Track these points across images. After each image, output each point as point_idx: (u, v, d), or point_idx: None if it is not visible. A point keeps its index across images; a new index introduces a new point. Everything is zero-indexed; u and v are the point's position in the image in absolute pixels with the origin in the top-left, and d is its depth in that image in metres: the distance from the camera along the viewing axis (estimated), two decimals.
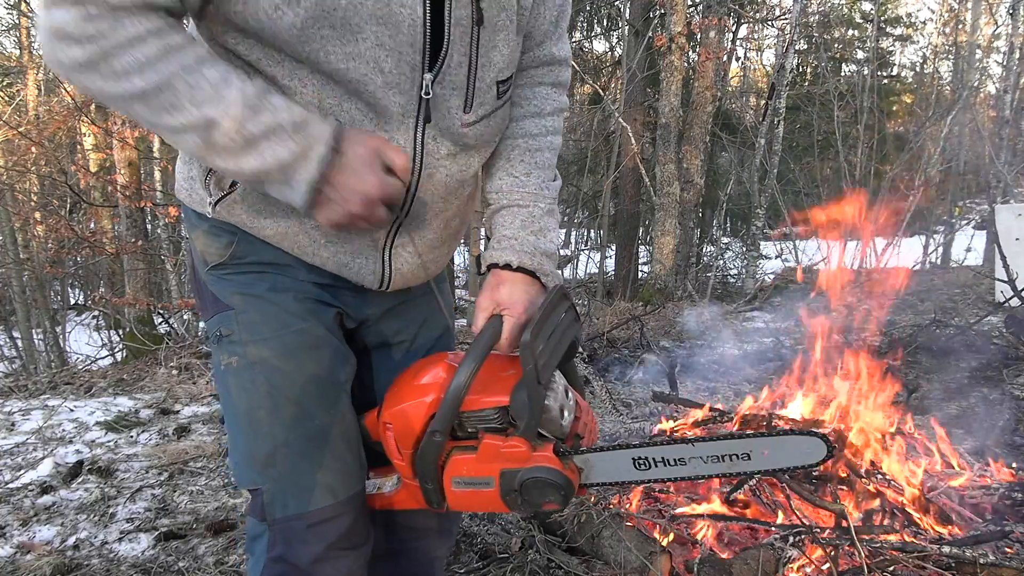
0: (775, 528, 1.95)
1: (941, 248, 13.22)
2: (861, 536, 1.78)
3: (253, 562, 1.19)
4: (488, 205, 1.26)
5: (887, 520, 1.99)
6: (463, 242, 12.33)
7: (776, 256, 14.50)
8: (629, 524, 2.01)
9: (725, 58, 12.75)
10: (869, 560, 1.72)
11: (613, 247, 11.89)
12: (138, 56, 0.89)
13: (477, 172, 1.23)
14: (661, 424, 2.82)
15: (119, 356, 8.40)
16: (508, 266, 1.18)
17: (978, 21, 14.90)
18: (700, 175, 9.54)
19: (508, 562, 2.08)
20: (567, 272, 12.74)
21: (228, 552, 2.31)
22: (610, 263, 12.01)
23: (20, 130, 10.47)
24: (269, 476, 1.13)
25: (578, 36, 12.42)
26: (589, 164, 12.63)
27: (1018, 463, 2.44)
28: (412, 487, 1.15)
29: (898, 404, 2.74)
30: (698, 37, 10.03)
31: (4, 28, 13.33)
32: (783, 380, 2.87)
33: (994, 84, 15.53)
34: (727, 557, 1.85)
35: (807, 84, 14.42)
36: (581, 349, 4.57)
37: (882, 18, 15.41)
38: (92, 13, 0.86)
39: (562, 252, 13.76)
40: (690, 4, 10.08)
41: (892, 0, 16.27)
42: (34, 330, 9.84)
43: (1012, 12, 11.55)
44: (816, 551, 1.80)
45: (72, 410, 3.91)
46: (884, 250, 10.11)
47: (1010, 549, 1.90)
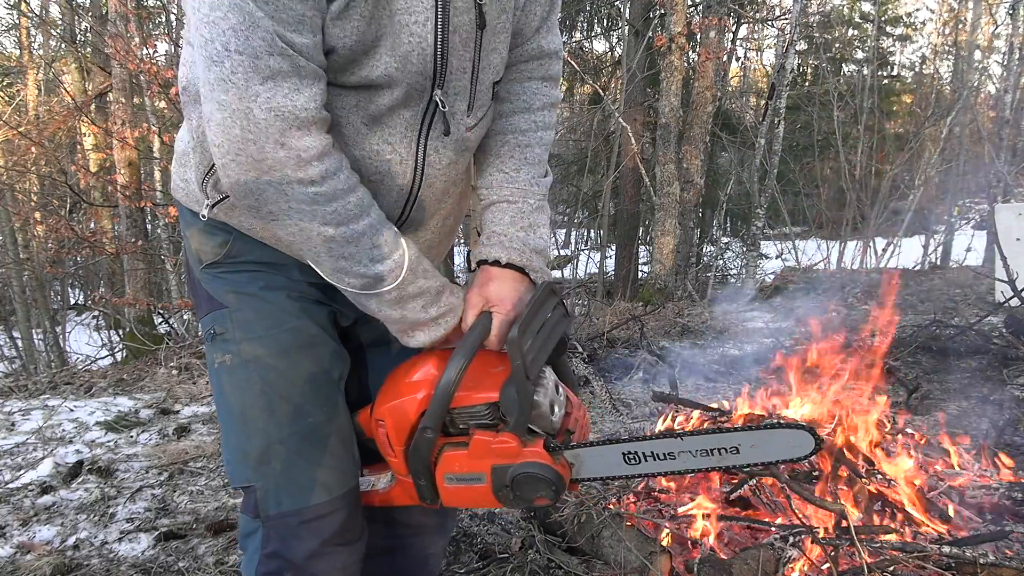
0: (775, 528, 1.95)
1: (941, 248, 13.21)
2: (861, 536, 1.78)
3: (247, 559, 1.19)
4: (479, 201, 1.26)
5: (887, 520, 1.99)
6: (463, 242, 12.33)
7: (776, 256, 14.49)
8: (629, 524, 2.01)
9: (725, 58, 12.74)
10: (869, 560, 1.72)
11: (613, 247, 11.88)
12: (340, 210, 0.94)
13: (469, 169, 1.24)
14: (659, 425, 2.81)
15: (119, 356, 8.40)
16: (497, 262, 1.18)
17: (978, 21, 14.89)
18: (700, 175, 9.53)
19: (508, 562, 2.08)
20: (567, 272, 12.72)
21: (228, 552, 2.31)
22: (610, 263, 12.00)
23: (20, 130, 10.47)
24: (263, 473, 1.13)
25: (578, 36, 12.42)
26: (589, 164, 12.61)
27: (1018, 463, 2.44)
28: (406, 483, 1.16)
29: (898, 404, 2.74)
30: (698, 37, 10.02)
31: (4, 28, 13.33)
32: (783, 380, 2.87)
33: (994, 84, 15.53)
34: (727, 557, 1.85)
35: (807, 84, 14.41)
36: (581, 349, 4.57)
37: (882, 18, 15.41)
38: (310, 154, 0.89)
39: (562, 252, 13.77)
40: (690, 4, 10.07)
41: (892, 0, 16.26)
42: (34, 330, 9.84)
43: (1012, 12, 11.55)
44: (816, 551, 1.80)
45: (72, 410, 3.91)
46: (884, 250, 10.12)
47: (1009, 552, 1.90)
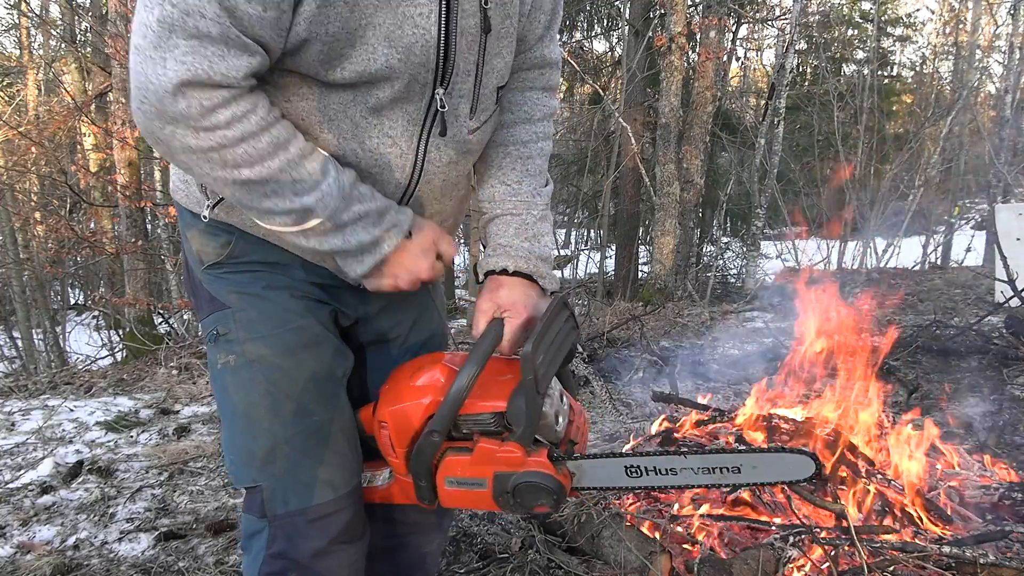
0: (775, 528, 1.95)
1: (941, 248, 13.20)
2: (861, 536, 1.78)
3: (250, 559, 1.19)
4: (482, 214, 1.27)
5: (887, 520, 1.99)
6: (463, 242, 12.33)
7: (776, 256, 14.48)
8: (629, 524, 2.01)
9: (725, 58, 12.74)
10: (869, 560, 1.72)
11: (613, 247, 11.88)
12: (250, 151, 0.93)
13: (469, 173, 1.25)
14: (658, 425, 2.81)
15: (119, 356, 8.40)
16: (505, 271, 1.20)
17: (978, 21, 14.89)
18: (700, 175, 9.52)
19: (508, 562, 2.08)
20: (567, 272, 12.73)
21: (228, 552, 2.31)
22: (610, 263, 12.00)
23: (20, 130, 10.46)
24: (269, 473, 1.14)
25: (578, 36, 12.41)
26: (589, 164, 12.61)
27: (1018, 463, 2.44)
28: (404, 483, 1.17)
29: (898, 404, 2.74)
30: (698, 37, 10.02)
31: (4, 28, 13.33)
32: (784, 380, 2.87)
33: (994, 84, 15.53)
34: (727, 557, 1.85)
35: (807, 84, 14.40)
36: (581, 349, 4.57)
37: (882, 18, 15.40)
38: (215, 103, 0.89)
39: (562, 252, 13.77)
40: (690, 4, 10.07)
41: (892, 0, 16.26)
42: (34, 330, 9.84)
43: (1012, 12, 11.55)
44: (816, 551, 1.80)
45: (72, 410, 3.91)
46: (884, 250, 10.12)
47: (1009, 552, 1.90)
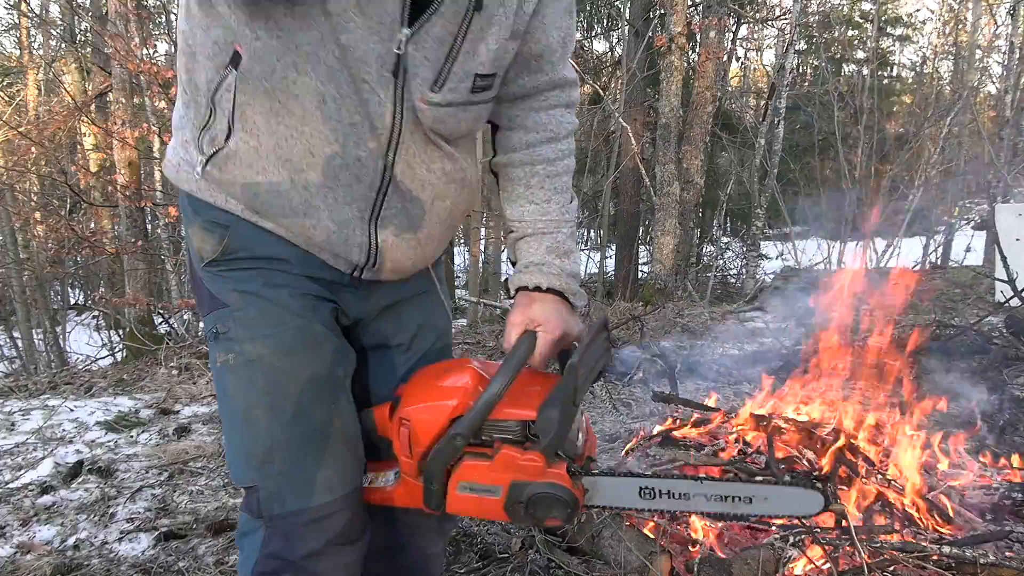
0: (775, 528, 1.95)
1: (941, 248, 13.20)
2: (861, 536, 1.78)
3: (244, 557, 1.19)
4: (510, 232, 1.29)
5: (887, 520, 1.99)
6: (463, 242, 12.33)
7: (776, 256, 14.48)
8: (629, 524, 2.01)
9: (725, 58, 12.74)
10: (869, 560, 1.72)
11: (613, 247, 11.90)
12: None
13: (451, 168, 1.19)
14: (659, 426, 2.81)
15: (119, 356, 8.42)
16: (538, 288, 1.22)
17: (978, 21, 14.88)
18: (700, 175, 9.52)
19: (508, 562, 2.08)
20: None
21: (228, 552, 2.31)
22: (610, 263, 12.01)
23: (20, 130, 10.48)
24: (266, 473, 1.13)
25: (578, 36, 12.41)
26: (589, 164, 12.62)
27: (1018, 463, 2.44)
28: (411, 485, 1.16)
29: (898, 404, 2.74)
30: (698, 37, 10.02)
31: (4, 28, 13.34)
32: (784, 380, 2.87)
33: (994, 84, 15.52)
34: (727, 557, 1.85)
35: (807, 84, 14.41)
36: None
37: (882, 18, 15.40)
38: None
39: None
40: (690, 4, 10.07)
41: (892, 0, 16.25)
42: (34, 330, 9.86)
43: (1012, 12, 11.54)
44: (816, 551, 1.80)
45: (72, 410, 3.90)
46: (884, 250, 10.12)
47: (1010, 552, 1.90)
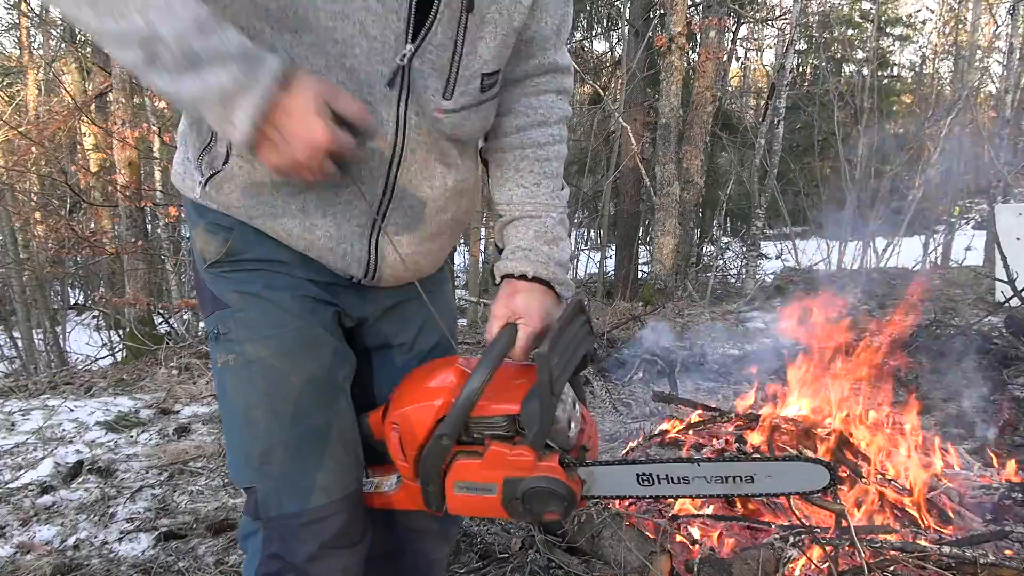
0: (775, 528, 1.95)
1: (941, 248, 13.19)
2: (861, 536, 1.78)
3: (248, 559, 1.19)
4: (499, 217, 1.25)
5: (887, 520, 1.99)
6: (463, 242, 12.33)
7: (776, 256, 14.48)
8: (629, 524, 2.01)
9: (725, 58, 12.74)
10: (869, 560, 1.72)
11: (613, 247, 11.89)
12: None
13: (452, 182, 1.18)
14: (662, 425, 2.82)
15: (119, 356, 8.41)
16: (523, 276, 1.18)
17: (978, 21, 14.88)
18: (700, 175, 9.52)
19: (508, 562, 2.08)
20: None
21: (228, 552, 2.31)
22: (610, 263, 12.01)
23: (20, 130, 10.47)
24: (264, 475, 1.13)
25: (578, 36, 12.41)
26: (589, 164, 12.62)
27: (1018, 463, 2.44)
28: (412, 488, 1.15)
29: (898, 404, 2.74)
30: (698, 37, 10.02)
31: (4, 28, 13.34)
32: (784, 380, 2.87)
33: (994, 84, 15.51)
34: (727, 557, 1.85)
35: (807, 84, 14.40)
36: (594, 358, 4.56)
37: (882, 18, 15.40)
38: None
39: None
40: (690, 4, 10.07)
41: (892, 0, 16.25)
42: (34, 330, 9.85)
43: (1012, 12, 11.53)
44: (816, 551, 1.80)
45: (72, 410, 3.90)
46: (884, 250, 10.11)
47: (1009, 552, 1.90)
